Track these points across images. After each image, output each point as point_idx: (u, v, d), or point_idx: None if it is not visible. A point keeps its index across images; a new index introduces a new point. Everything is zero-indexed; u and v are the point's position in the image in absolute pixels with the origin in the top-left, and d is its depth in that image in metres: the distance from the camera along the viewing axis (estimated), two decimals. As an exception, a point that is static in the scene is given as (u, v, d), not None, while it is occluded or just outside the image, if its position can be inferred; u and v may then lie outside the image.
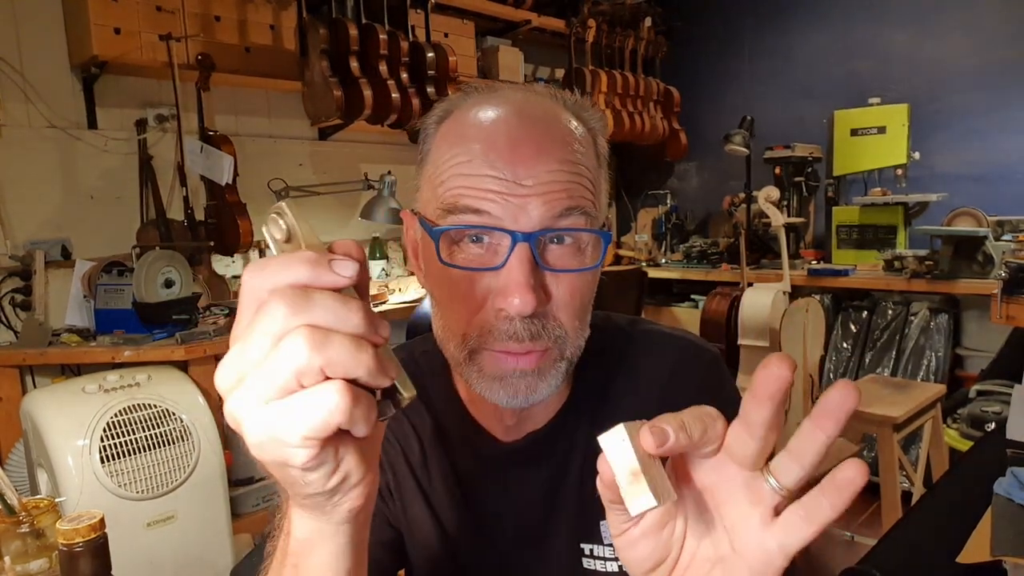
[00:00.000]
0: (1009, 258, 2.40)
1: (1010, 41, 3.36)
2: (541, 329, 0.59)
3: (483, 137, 0.60)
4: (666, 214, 4.28)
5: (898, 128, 3.43)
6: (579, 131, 0.64)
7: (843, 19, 3.86)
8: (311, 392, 0.34)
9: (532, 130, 0.61)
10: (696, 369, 0.75)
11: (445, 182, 0.60)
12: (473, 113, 0.62)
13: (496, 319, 0.59)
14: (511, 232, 0.57)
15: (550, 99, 0.66)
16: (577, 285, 0.61)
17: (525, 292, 0.56)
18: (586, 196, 0.61)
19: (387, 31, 2.87)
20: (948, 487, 1.45)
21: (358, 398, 0.35)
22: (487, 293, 0.59)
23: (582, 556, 0.72)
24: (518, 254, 0.57)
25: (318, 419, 0.34)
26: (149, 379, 2.09)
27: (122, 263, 2.40)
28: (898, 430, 2.13)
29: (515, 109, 0.62)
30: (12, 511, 0.78)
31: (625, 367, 0.74)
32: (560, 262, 0.60)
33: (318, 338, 0.34)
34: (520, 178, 0.58)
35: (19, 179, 2.41)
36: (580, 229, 0.60)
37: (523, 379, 0.61)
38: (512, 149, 0.59)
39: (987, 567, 1.04)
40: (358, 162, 3.36)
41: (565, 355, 0.62)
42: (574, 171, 0.61)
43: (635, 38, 4.18)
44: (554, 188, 0.59)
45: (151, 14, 2.51)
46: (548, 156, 0.59)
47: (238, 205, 2.64)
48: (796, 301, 3.21)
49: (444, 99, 0.68)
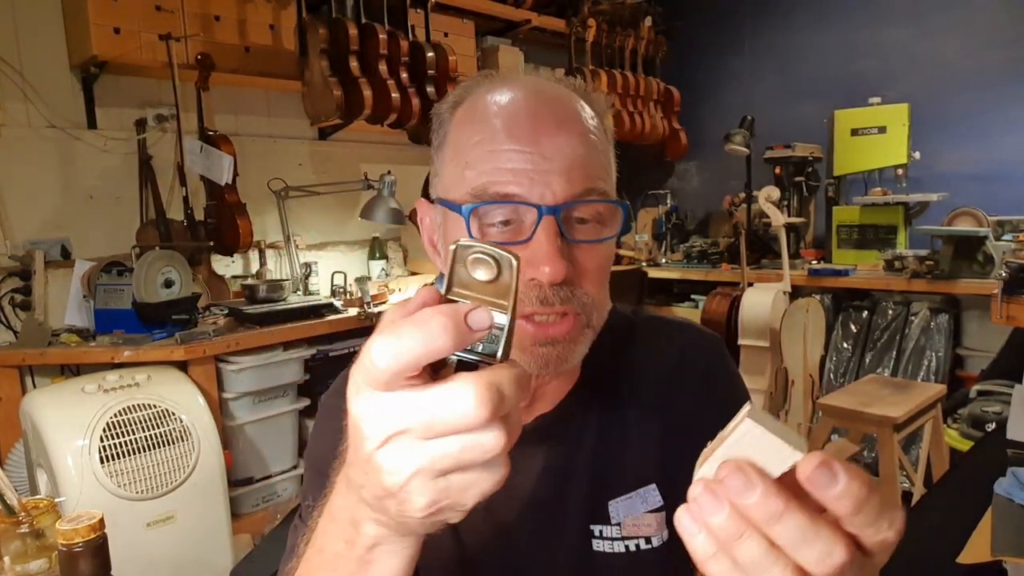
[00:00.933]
0: (1009, 258, 2.40)
1: (1010, 41, 3.36)
2: (570, 295, 0.62)
3: (504, 115, 0.63)
4: (666, 214, 4.28)
5: (898, 128, 3.43)
6: (589, 110, 0.67)
7: (843, 19, 3.85)
8: (487, 465, 0.36)
9: (549, 106, 0.64)
10: (701, 353, 0.78)
11: (471, 164, 0.62)
12: (490, 96, 0.65)
13: (527, 288, 0.61)
14: (537, 206, 0.60)
15: (560, 84, 0.69)
16: (600, 255, 0.65)
17: (555, 261, 0.59)
18: (602, 170, 0.65)
19: (387, 31, 2.87)
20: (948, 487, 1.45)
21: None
22: None
23: (591, 538, 0.72)
24: (545, 226, 0.60)
25: (488, 486, 0.37)
26: (149, 379, 2.09)
27: (122, 263, 2.40)
28: (898, 430, 2.13)
29: (530, 90, 0.65)
30: (12, 511, 0.78)
31: (632, 351, 0.77)
32: (583, 234, 0.63)
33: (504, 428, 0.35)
34: (543, 150, 0.61)
35: (19, 179, 2.41)
36: (600, 200, 0.63)
37: (554, 348, 0.63)
38: (533, 123, 0.61)
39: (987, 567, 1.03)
40: (358, 162, 3.36)
41: (592, 323, 0.65)
42: (590, 145, 0.64)
43: (635, 38, 4.18)
44: (575, 164, 0.62)
45: (151, 14, 2.51)
46: (568, 130, 0.62)
47: (238, 205, 2.64)
48: (796, 301, 3.21)
49: (457, 86, 0.70)
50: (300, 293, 2.95)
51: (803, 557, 0.31)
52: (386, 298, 2.88)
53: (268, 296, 2.64)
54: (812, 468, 0.31)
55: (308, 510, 0.74)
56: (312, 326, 2.52)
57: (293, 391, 2.52)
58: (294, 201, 3.04)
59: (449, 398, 0.34)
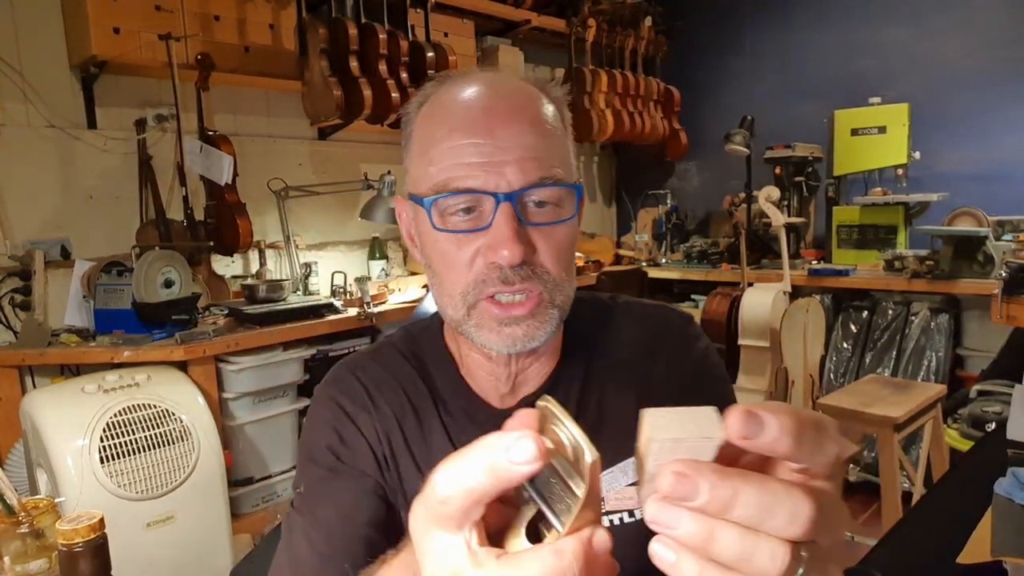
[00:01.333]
0: (1009, 258, 2.40)
1: (1010, 41, 3.36)
2: (531, 274, 0.66)
3: (461, 111, 0.67)
4: (666, 214, 4.28)
5: (898, 128, 3.43)
6: (544, 100, 0.70)
7: (843, 19, 3.85)
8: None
9: (503, 99, 0.67)
10: (674, 327, 0.83)
11: (433, 160, 0.66)
12: (448, 94, 0.69)
13: (488, 270, 0.66)
14: (494, 194, 0.64)
15: (517, 77, 0.73)
16: (559, 237, 0.67)
17: (513, 244, 0.63)
18: (556, 156, 0.67)
19: (387, 31, 2.87)
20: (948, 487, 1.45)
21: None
22: (477, 252, 0.66)
23: None
24: (502, 212, 0.64)
25: None
26: (149, 379, 2.09)
27: (122, 263, 2.40)
28: (898, 430, 2.13)
29: (486, 85, 0.69)
30: (12, 511, 0.78)
31: (609, 332, 0.81)
32: (541, 217, 0.67)
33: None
34: (498, 141, 0.64)
35: (19, 179, 2.41)
36: (553, 184, 0.66)
37: (519, 325, 0.67)
38: (487, 116, 0.65)
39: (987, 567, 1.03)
40: (358, 162, 3.36)
41: (556, 302, 0.68)
42: (544, 133, 0.67)
43: (635, 38, 4.18)
44: (529, 153, 0.65)
45: (150, 14, 2.50)
46: (521, 120, 0.66)
47: (238, 205, 2.64)
48: (796, 301, 3.21)
49: (422, 87, 0.74)
50: (300, 293, 2.95)
51: (774, 527, 0.30)
52: (386, 298, 2.88)
53: (268, 296, 2.64)
54: (740, 426, 0.30)
55: (301, 498, 0.75)
56: (312, 326, 2.52)
57: (293, 391, 2.51)
58: (294, 201, 3.04)
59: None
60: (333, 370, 0.82)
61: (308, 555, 0.70)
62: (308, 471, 0.76)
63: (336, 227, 3.31)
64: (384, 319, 2.70)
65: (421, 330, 0.83)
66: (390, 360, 0.80)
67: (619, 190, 4.86)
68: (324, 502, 0.72)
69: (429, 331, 0.82)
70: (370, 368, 0.80)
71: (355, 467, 0.74)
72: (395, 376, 0.79)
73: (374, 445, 0.75)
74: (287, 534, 0.74)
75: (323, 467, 0.75)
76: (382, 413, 0.76)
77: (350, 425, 0.76)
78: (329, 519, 0.71)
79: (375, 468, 0.75)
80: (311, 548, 0.70)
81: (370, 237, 3.32)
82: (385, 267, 3.28)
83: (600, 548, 0.31)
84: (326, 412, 0.78)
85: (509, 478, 0.30)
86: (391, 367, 0.80)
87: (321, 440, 0.76)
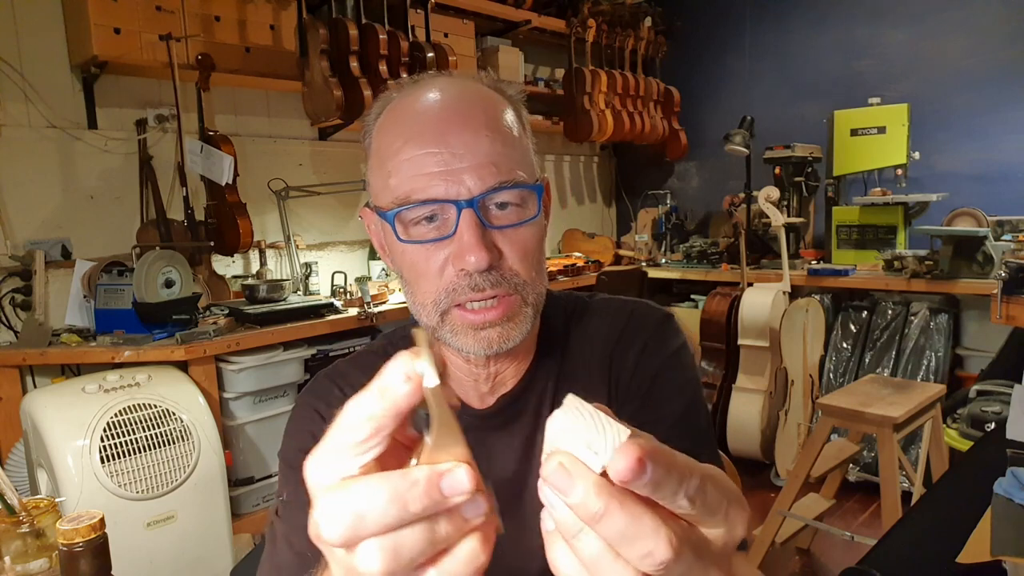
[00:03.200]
0: (1009, 258, 2.40)
1: (1010, 41, 3.36)
2: (500, 279, 0.66)
3: (415, 120, 0.67)
4: (666, 214, 4.28)
5: (898, 128, 3.43)
6: (499, 101, 0.71)
7: (843, 19, 3.86)
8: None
9: (457, 105, 0.67)
10: (644, 327, 0.81)
11: (392, 172, 0.67)
12: (405, 104, 0.70)
13: (458, 278, 0.66)
14: (455, 202, 0.64)
15: (471, 80, 0.73)
16: (524, 237, 0.68)
17: (478, 250, 0.63)
18: (514, 159, 0.67)
19: (387, 31, 2.87)
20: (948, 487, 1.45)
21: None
22: (446, 261, 0.66)
23: None
24: (465, 219, 0.64)
25: None
26: (149, 379, 2.09)
27: (122, 263, 2.41)
28: (898, 430, 2.13)
29: (440, 93, 0.69)
30: (12, 511, 0.78)
31: (582, 329, 0.82)
32: (504, 219, 0.67)
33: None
34: (453, 148, 0.64)
35: (19, 179, 2.41)
36: (513, 186, 0.66)
37: (494, 329, 0.67)
38: (441, 125, 0.65)
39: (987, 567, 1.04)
40: (358, 162, 3.36)
41: (529, 301, 0.69)
42: (500, 137, 0.67)
43: (635, 38, 4.18)
44: (486, 159, 0.65)
45: (151, 14, 2.51)
46: (475, 124, 0.66)
47: (238, 205, 2.64)
48: (796, 301, 3.22)
49: (379, 98, 0.74)
50: (300, 293, 2.95)
51: (628, 555, 0.30)
52: (386, 298, 2.88)
53: (268, 296, 2.64)
54: (623, 469, 0.29)
55: (283, 505, 0.75)
56: (312, 326, 2.52)
57: (293, 391, 2.52)
58: (294, 201, 3.05)
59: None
60: (313, 379, 0.83)
61: (290, 560, 0.71)
62: (288, 477, 0.76)
63: (336, 227, 3.31)
64: (384, 319, 2.71)
65: (401, 338, 0.84)
66: (370, 366, 0.80)
67: (619, 190, 4.86)
68: (305, 507, 0.72)
69: (408, 339, 0.82)
70: (349, 374, 0.80)
71: None
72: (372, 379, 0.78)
73: None
74: (270, 541, 0.74)
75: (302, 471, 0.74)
76: None
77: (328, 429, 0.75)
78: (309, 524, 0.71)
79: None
80: (292, 553, 0.71)
81: (370, 237, 3.32)
82: (385, 267, 3.28)
83: (451, 484, 0.31)
84: (304, 419, 0.78)
85: (395, 398, 0.31)
86: (370, 372, 0.79)
87: (300, 446, 0.76)
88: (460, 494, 0.31)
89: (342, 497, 0.31)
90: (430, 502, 0.30)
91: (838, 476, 2.63)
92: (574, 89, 3.86)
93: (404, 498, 0.30)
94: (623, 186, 4.82)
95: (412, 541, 0.31)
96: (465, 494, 0.31)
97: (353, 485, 0.31)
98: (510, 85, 0.74)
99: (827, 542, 2.75)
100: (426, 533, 0.31)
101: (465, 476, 0.31)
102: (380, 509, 0.30)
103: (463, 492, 0.31)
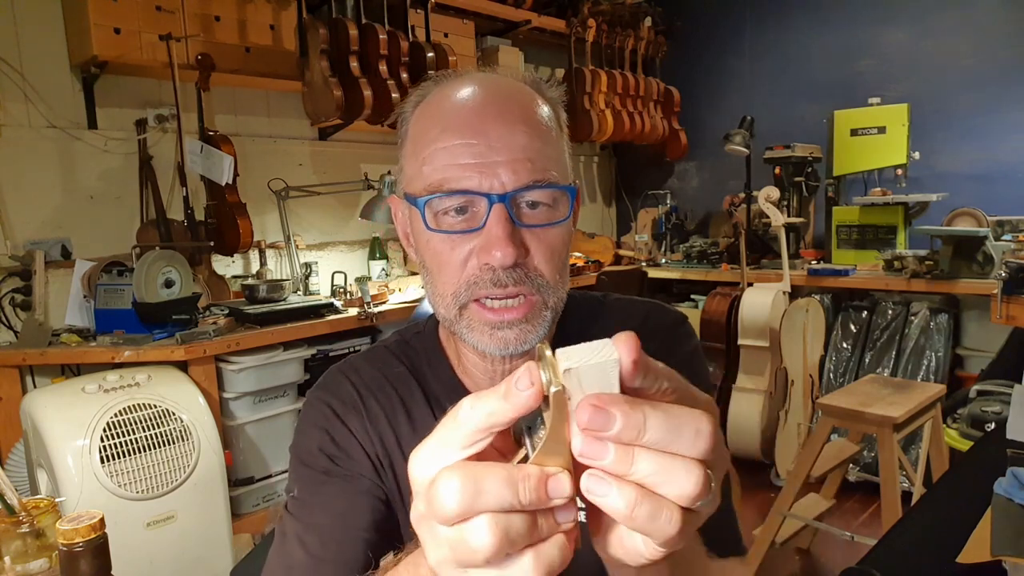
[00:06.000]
0: (1009, 258, 2.40)
1: (1010, 41, 3.36)
2: (523, 277, 0.65)
3: (455, 111, 0.67)
4: (666, 214, 4.28)
5: (898, 128, 3.43)
6: (539, 101, 0.70)
7: (843, 19, 3.86)
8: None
9: (497, 100, 0.67)
10: (659, 329, 0.82)
11: (427, 160, 0.66)
12: (445, 94, 0.69)
13: (481, 272, 0.65)
14: (487, 195, 0.64)
15: (512, 78, 0.73)
16: (552, 238, 0.67)
17: (505, 245, 0.63)
18: (550, 158, 0.67)
19: (387, 31, 2.87)
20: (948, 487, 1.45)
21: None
22: (471, 253, 0.66)
23: None
24: (495, 214, 0.63)
25: None
26: (149, 379, 2.09)
27: (122, 263, 2.41)
28: (898, 430, 2.13)
29: (481, 86, 0.69)
30: (12, 511, 0.78)
31: (599, 324, 0.81)
32: (534, 219, 0.66)
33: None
34: (491, 142, 0.64)
35: (19, 179, 2.41)
36: (547, 186, 0.65)
37: (512, 329, 0.67)
38: (481, 117, 0.65)
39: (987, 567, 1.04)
40: (358, 162, 3.36)
41: (549, 304, 0.68)
42: (538, 135, 0.66)
43: (635, 38, 4.18)
44: (522, 154, 0.64)
45: (151, 14, 2.51)
46: (514, 121, 0.65)
47: (238, 205, 2.64)
48: (796, 301, 3.22)
49: (419, 86, 0.74)
50: (300, 293, 2.95)
51: (682, 446, 0.33)
52: (386, 298, 2.88)
53: (268, 296, 2.64)
54: (632, 348, 0.34)
55: (295, 502, 0.75)
56: (312, 326, 2.52)
57: (293, 391, 2.52)
58: (294, 201, 3.05)
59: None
60: (325, 374, 0.82)
61: (302, 559, 0.70)
62: (301, 474, 0.75)
63: (336, 227, 3.31)
64: (384, 319, 2.71)
65: (415, 334, 0.83)
66: (382, 362, 0.80)
67: (619, 190, 4.86)
68: (318, 505, 0.72)
69: (423, 334, 0.82)
70: (362, 370, 0.80)
71: (348, 469, 0.74)
72: (387, 377, 0.79)
73: (366, 446, 0.75)
74: (280, 538, 0.73)
75: (316, 469, 0.74)
76: (372, 414, 0.76)
77: (341, 427, 0.76)
78: (323, 523, 0.71)
79: (370, 469, 0.74)
80: (305, 552, 0.70)
81: (370, 237, 3.32)
82: (385, 267, 3.28)
83: (555, 487, 0.33)
84: (316, 415, 0.77)
85: (517, 401, 0.33)
86: (383, 368, 0.79)
87: (313, 443, 0.76)
88: (561, 498, 0.33)
89: (462, 474, 0.33)
90: (537, 497, 0.33)
91: (838, 476, 2.63)
92: (574, 89, 3.86)
93: (518, 487, 0.32)
94: (623, 186, 4.82)
95: (519, 526, 0.33)
96: (564, 499, 0.33)
97: (472, 466, 0.33)
98: (551, 86, 0.74)
99: (827, 542, 2.75)
100: (531, 523, 0.33)
101: (568, 483, 0.33)
102: (497, 489, 0.32)
103: (563, 497, 0.33)
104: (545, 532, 0.34)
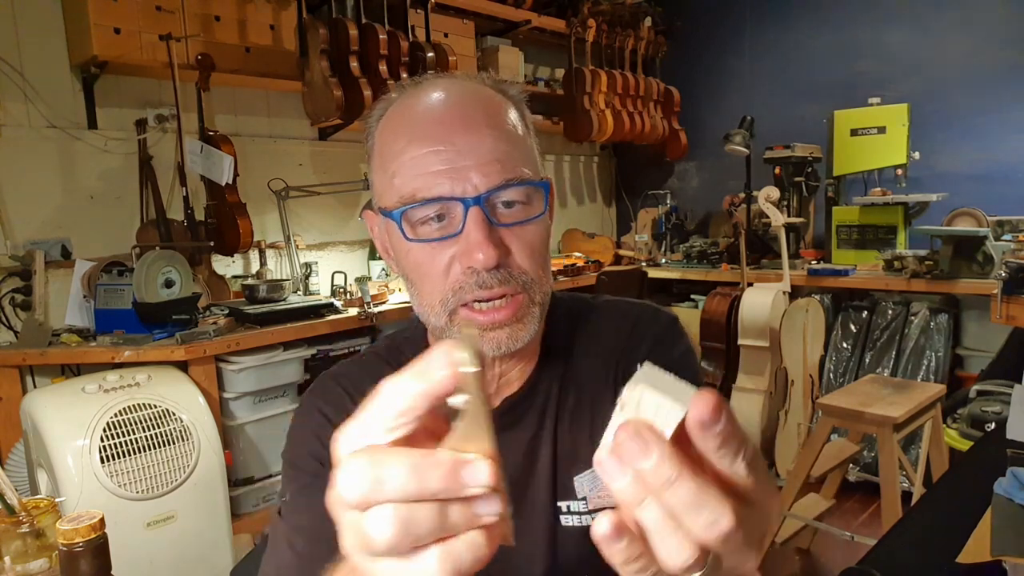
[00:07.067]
0: (1009, 258, 2.40)
1: (1010, 41, 3.36)
2: (508, 276, 0.66)
3: (419, 121, 0.67)
4: (666, 214, 4.28)
5: (898, 128, 3.43)
6: (501, 101, 0.71)
7: (843, 19, 3.86)
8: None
9: (461, 104, 0.68)
10: (652, 328, 0.81)
11: (396, 172, 0.67)
12: (407, 104, 0.70)
13: (465, 276, 0.66)
14: (461, 199, 0.64)
15: (472, 80, 0.73)
16: (531, 235, 0.68)
17: (486, 247, 0.63)
18: (519, 157, 0.67)
19: (387, 31, 2.87)
20: (948, 487, 1.45)
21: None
22: (452, 259, 0.66)
23: (559, 514, 0.74)
24: (472, 217, 0.64)
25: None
26: (149, 379, 2.09)
27: (122, 263, 2.41)
28: (898, 430, 2.13)
29: (443, 92, 0.69)
30: (12, 511, 0.78)
31: (588, 331, 0.81)
32: (510, 217, 0.67)
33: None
34: (457, 146, 0.64)
35: (19, 179, 2.41)
36: (519, 183, 0.66)
37: (503, 329, 0.67)
38: (445, 123, 0.66)
39: (987, 567, 1.04)
40: (358, 162, 3.36)
41: (536, 300, 0.69)
42: (504, 135, 0.67)
43: (635, 38, 4.18)
44: (490, 156, 0.65)
45: (151, 14, 2.51)
46: (479, 123, 0.66)
47: (238, 205, 2.64)
48: (796, 301, 3.22)
49: (381, 99, 0.74)
50: (300, 293, 2.95)
51: (692, 524, 0.31)
52: (386, 298, 2.88)
53: (268, 296, 2.64)
54: (704, 410, 0.31)
55: (286, 506, 0.75)
56: (312, 326, 2.52)
57: (293, 391, 2.52)
58: (294, 201, 3.04)
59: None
60: (316, 379, 0.83)
61: (290, 560, 0.71)
62: (292, 478, 0.76)
63: (336, 227, 3.31)
64: (384, 319, 2.71)
65: (404, 340, 0.84)
66: (373, 367, 0.81)
67: (619, 190, 4.86)
68: (308, 508, 0.72)
69: (412, 340, 0.83)
70: (353, 375, 0.80)
71: None
72: (377, 382, 0.78)
73: None
74: (272, 541, 0.74)
75: (307, 473, 0.75)
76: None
77: (333, 431, 0.76)
78: (313, 525, 0.71)
79: None
80: (293, 553, 0.71)
81: (370, 237, 3.32)
82: (385, 267, 3.28)
83: (471, 475, 0.31)
84: (308, 420, 0.78)
85: (431, 381, 0.32)
86: (374, 374, 0.79)
87: (304, 447, 0.76)
88: (477, 486, 0.31)
89: (366, 459, 0.32)
90: (447, 485, 0.31)
91: (838, 476, 2.63)
92: (574, 89, 3.86)
93: (424, 474, 0.31)
94: (623, 186, 4.82)
95: (423, 517, 0.31)
96: (482, 488, 0.31)
97: (378, 451, 0.32)
98: (512, 85, 0.74)
99: (827, 542, 2.75)
100: (438, 515, 0.31)
101: (486, 470, 0.31)
102: (400, 478, 0.31)
103: (480, 485, 0.31)
104: (461, 525, 0.31)
